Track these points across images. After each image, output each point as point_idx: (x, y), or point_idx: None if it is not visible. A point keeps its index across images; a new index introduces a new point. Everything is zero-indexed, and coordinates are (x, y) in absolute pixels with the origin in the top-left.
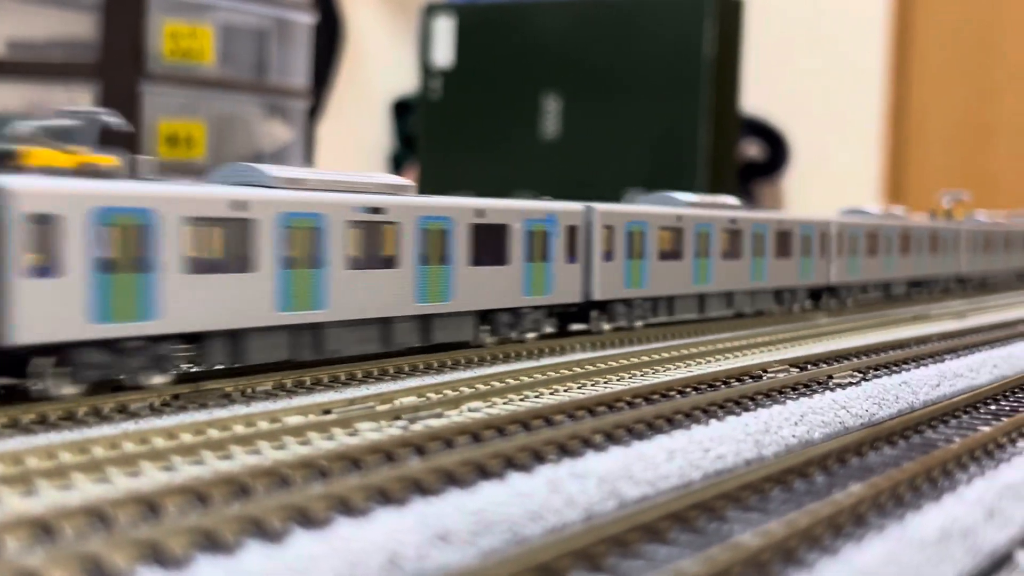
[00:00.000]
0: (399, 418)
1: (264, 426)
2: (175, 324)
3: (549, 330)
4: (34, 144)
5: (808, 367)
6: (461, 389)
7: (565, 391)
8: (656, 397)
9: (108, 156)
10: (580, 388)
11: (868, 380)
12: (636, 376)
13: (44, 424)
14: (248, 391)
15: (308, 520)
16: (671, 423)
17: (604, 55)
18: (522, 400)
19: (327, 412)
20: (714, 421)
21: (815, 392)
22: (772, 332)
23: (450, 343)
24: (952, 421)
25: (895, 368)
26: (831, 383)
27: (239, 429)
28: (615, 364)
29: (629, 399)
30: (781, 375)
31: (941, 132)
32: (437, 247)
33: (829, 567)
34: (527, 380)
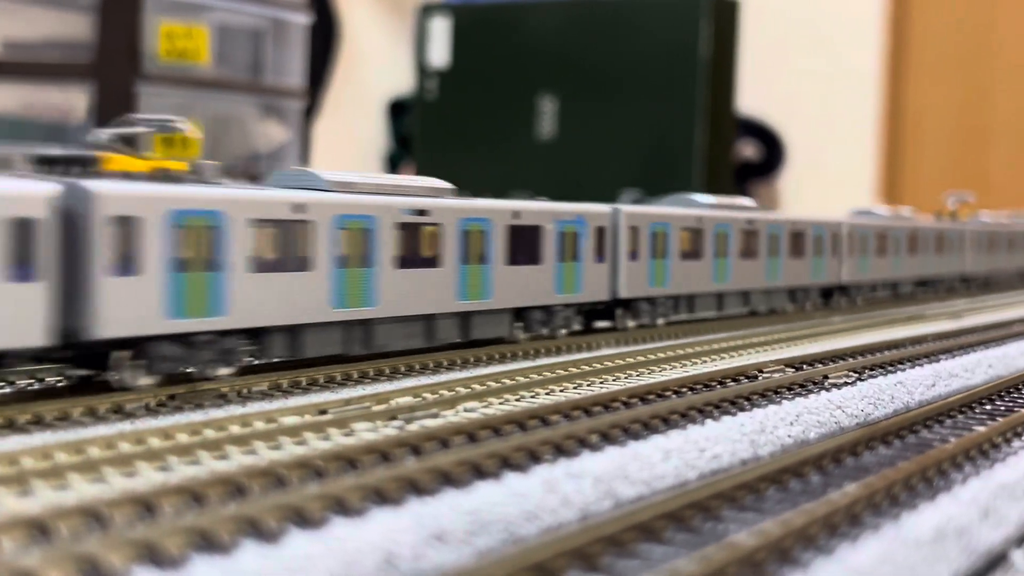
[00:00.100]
0: (395, 418)
1: (260, 426)
2: (240, 320)
3: (576, 327)
4: (111, 150)
5: (804, 367)
6: (457, 389)
7: (561, 391)
8: (652, 397)
9: (178, 161)
10: (576, 388)
11: (863, 380)
12: (632, 376)
13: (40, 424)
14: (244, 391)
15: (304, 520)
16: (667, 423)
17: (600, 56)
18: (518, 400)
19: (323, 412)
20: (710, 421)
21: (811, 392)
22: (768, 332)
23: (487, 339)
24: (947, 421)
25: (890, 368)
26: (827, 383)
27: (235, 429)
28: (611, 364)
29: (625, 399)
30: (777, 375)
31: (937, 133)
32: (477, 247)
33: (824, 567)
34: (523, 380)
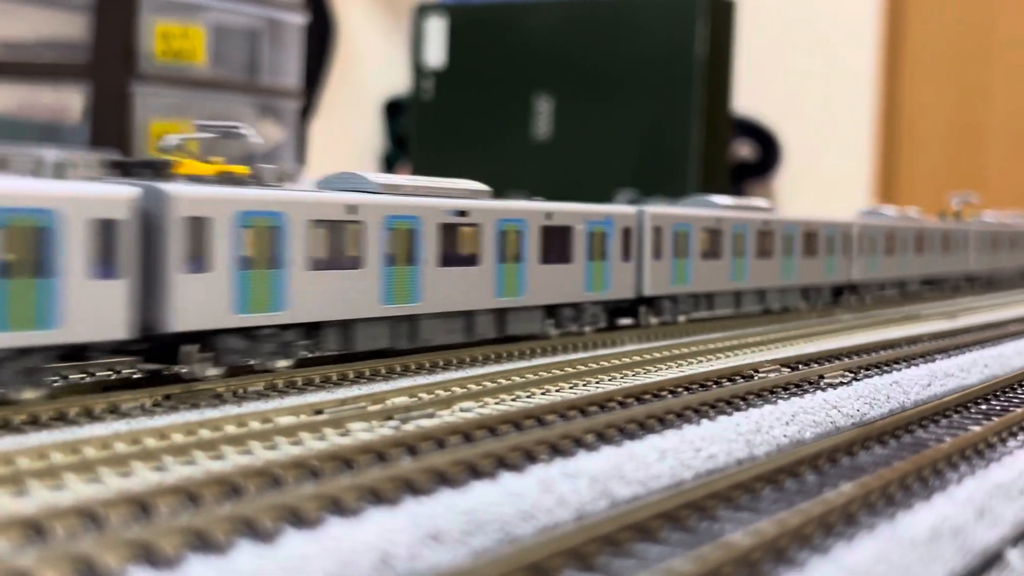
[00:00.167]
0: (391, 418)
1: (256, 426)
2: (299, 315)
3: (602, 324)
4: (181, 155)
5: (799, 367)
6: (453, 389)
7: (557, 391)
8: (648, 397)
9: (241, 166)
10: (572, 388)
11: (859, 380)
12: (628, 376)
13: (35, 424)
14: (239, 391)
15: (300, 520)
16: (663, 423)
17: (596, 55)
18: (514, 400)
19: (319, 412)
20: (705, 421)
21: (806, 392)
22: (764, 332)
23: (521, 335)
24: (943, 421)
25: (886, 368)
26: (822, 383)
27: (231, 429)
28: (607, 364)
29: (621, 399)
30: (772, 375)
31: (932, 133)
32: (513, 247)
33: (820, 566)
34: (519, 380)
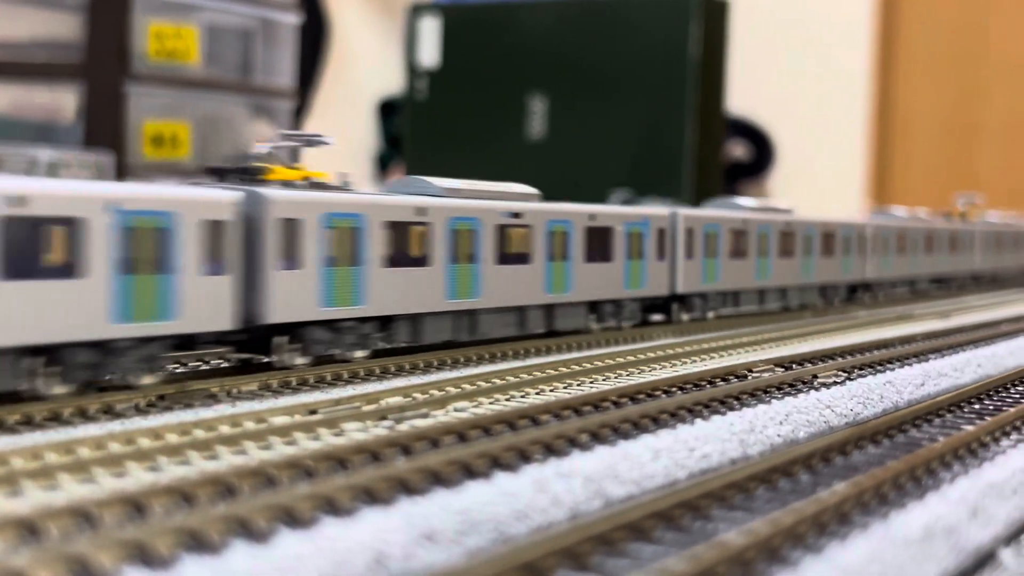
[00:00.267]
0: (385, 418)
1: (250, 426)
2: (376, 309)
3: (637, 320)
4: (271, 162)
5: (793, 367)
6: (447, 389)
7: (551, 391)
8: (642, 396)
9: (323, 171)
10: (566, 388)
11: (853, 379)
12: (622, 376)
13: (29, 424)
14: (234, 391)
15: (294, 520)
16: (657, 422)
17: (590, 56)
18: (508, 400)
19: (313, 412)
20: (699, 420)
21: (800, 391)
22: (758, 332)
23: (566, 330)
24: (936, 420)
25: (880, 367)
26: (816, 382)
27: (225, 429)
28: (601, 364)
29: (615, 399)
30: (766, 375)
31: (926, 132)
32: (561, 246)
33: (813, 565)
34: (513, 380)
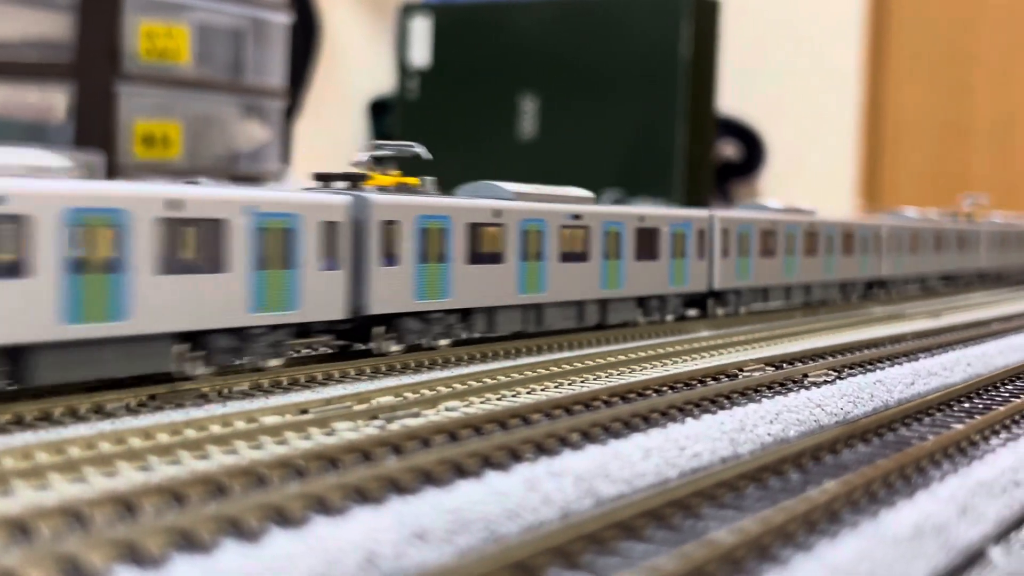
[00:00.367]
0: (376, 417)
1: (241, 426)
2: (459, 302)
3: (680, 314)
4: (368, 168)
5: (783, 366)
6: (438, 388)
7: (542, 390)
8: (633, 396)
9: (413, 177)
10: (557, 387)
11: (843, 379)
12: (613, 375)
13: (20, 424)
14: (225, 391)
15: (285, 519)
16: (647, 421)
17: (581, 55)
18: (499, 399)
19: (304, 412)
20: (690, 419)
21: (790, 391)
22: (748, 331)
23: (617, 323)
24: (926, 419)
25: (870, 367)
26: (806, 382)
27: (216, 429)
28: (592, 363)
29: (606, 398)
30: (757, 374)
31: (917, 132)
32: (614, 246)
33: (803, 564)
34: (504, 379)
